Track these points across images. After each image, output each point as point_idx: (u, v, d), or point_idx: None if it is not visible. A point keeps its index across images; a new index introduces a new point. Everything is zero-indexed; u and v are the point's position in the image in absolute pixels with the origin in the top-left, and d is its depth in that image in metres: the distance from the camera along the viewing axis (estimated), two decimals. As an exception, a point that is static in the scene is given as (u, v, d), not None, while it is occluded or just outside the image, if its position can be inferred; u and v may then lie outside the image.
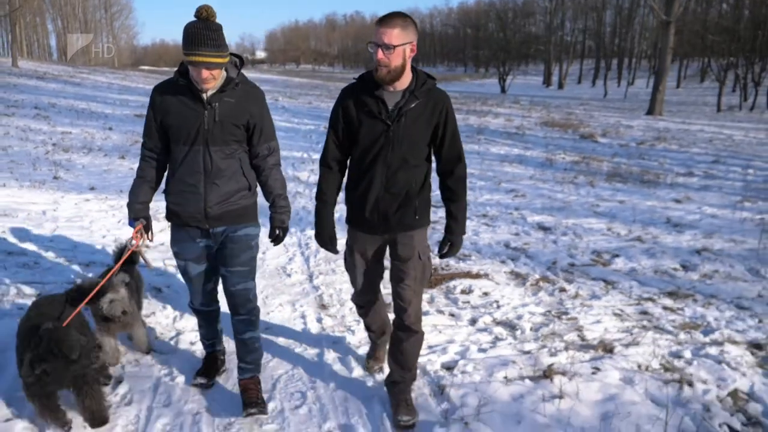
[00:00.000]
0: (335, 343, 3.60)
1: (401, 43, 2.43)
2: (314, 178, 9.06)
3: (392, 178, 2.63)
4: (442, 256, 2.83)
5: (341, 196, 2.91)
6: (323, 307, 4.19)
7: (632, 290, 4.62)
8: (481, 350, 3.49)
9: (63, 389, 2.59)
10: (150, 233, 2.89)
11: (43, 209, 6.39)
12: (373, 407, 2.92)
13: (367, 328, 3.22)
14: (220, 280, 2.94)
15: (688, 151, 13.76)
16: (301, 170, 9.84)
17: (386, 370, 3.08)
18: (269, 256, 5.30)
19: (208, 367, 3.16)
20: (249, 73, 65.06)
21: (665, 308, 4.27)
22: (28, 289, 4.02)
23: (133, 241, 2.82)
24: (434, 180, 2.73)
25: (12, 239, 5.19)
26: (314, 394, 3.02)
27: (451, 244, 2.79)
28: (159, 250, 5.18)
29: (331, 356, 3.42)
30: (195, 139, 2.63)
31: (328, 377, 3.19)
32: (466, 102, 27.57)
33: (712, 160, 12.17)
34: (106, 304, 3.00)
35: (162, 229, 5.41)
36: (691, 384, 3.11)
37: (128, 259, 3.05)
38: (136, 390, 2.99)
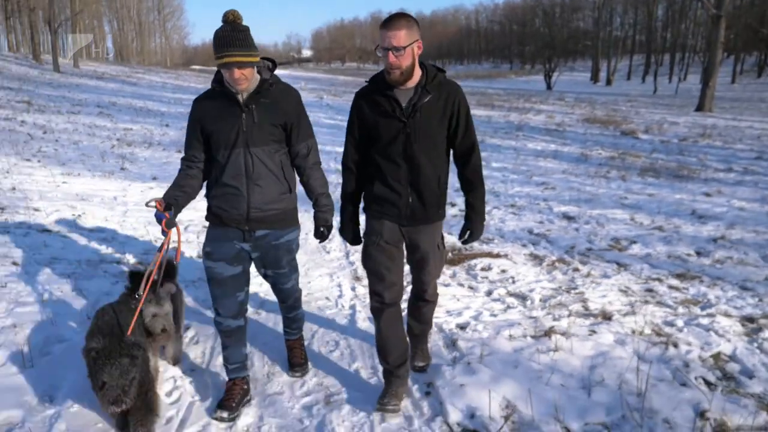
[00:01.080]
0: (365, 306, 4.15)
1: (409, 43, 2.52)
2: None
3: (416, 173, 2.71)
4: (463, 242, 2.95)
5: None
6: (357, 279, 4.75)
7: (642, 272, 4.99)
8: (493, 315, 3.98)
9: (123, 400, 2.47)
10: (172, 210, 2.80)
11: (114, 195, 7.20)
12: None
13: (384, 358, 2.92)
14: (264, 279, 3.05)
15: (731, 148, 13.66)
16: (343, 163, 10.43)
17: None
18: (311, 236, 5.89)
19: (231, 398, 2.91)
20: (295, 72, 65.76)
21: (670, 287, 4.63)
22: (110, 258, 4.75)
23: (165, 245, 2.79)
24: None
25: (92, 219, 5.98)
26: (346, 342, 3.60)
27: (471, 231, 2.90)
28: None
29: (361, 316, 3.98)
30: (235, 143, 2.69)
31: (358, 331, 3.77)
32: (508, 99, 27.71)
33: (755, 157, 12.11)
34: (148, 317, 2.95)
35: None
36: (676, 345, 3.52)
37: (166, 272, 3.08)
38: (201, 334, 3.66)
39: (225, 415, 2.82)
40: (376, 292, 2.87)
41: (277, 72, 2.93)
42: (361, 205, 2.96)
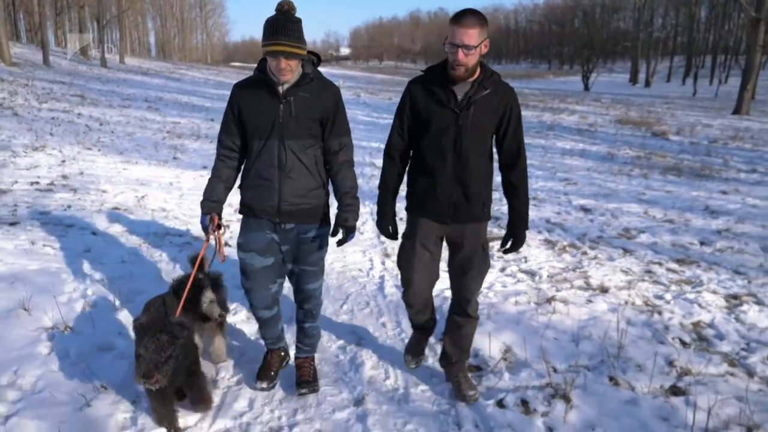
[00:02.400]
0: (393, 276, 4.78)
1: (479, 42, 2.51)
2: (388, 163, 10.26)
3: (463, 167, 2.69)
4: (505, 251, 2.87)
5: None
6: (387, 255, 5.38)
7: (646, 257, 5.49)
8: (503, 286, 4.57)
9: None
10: (222, 229, 2.94)
11: (170, 181, 7.99)
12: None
13: (413, 322, 3.24)
14: (288, 278, 3.01)
15: (760, 150, 13.82)
16: (377, 158, 11.08)
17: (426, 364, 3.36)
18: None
19: (268, 367, 3.12)
20: (333, 70, 66.48)
21: (669, 270, 5.13)
22: (173, 231, 5.51)
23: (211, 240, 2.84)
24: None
25: (153, 200, 6.76)
26: (375, 303, 4.24)
27: (514, 239, 2.82)
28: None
29: (389, 284, 4.61)
30: (270, 133, 2.68)
31: (386, 295, 4.40)
32: (544, 99, 27.94)
33: (783, 159, 12.31)
34: (206, 303, 2.98)
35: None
36: (661, 313, 4.05)
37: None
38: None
39: (265, 385, 3.04)
40: (405, 296, 3.01)
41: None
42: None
